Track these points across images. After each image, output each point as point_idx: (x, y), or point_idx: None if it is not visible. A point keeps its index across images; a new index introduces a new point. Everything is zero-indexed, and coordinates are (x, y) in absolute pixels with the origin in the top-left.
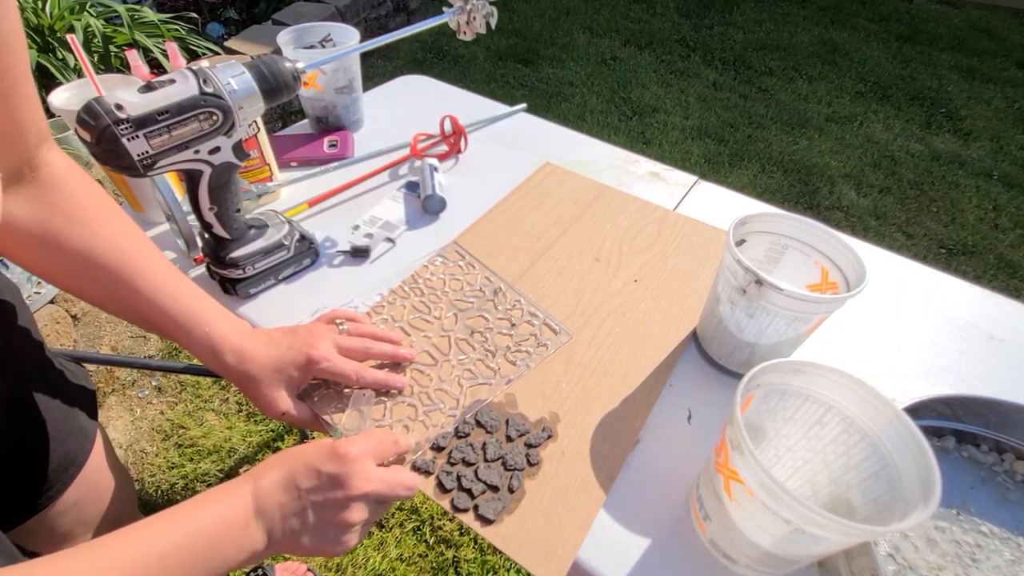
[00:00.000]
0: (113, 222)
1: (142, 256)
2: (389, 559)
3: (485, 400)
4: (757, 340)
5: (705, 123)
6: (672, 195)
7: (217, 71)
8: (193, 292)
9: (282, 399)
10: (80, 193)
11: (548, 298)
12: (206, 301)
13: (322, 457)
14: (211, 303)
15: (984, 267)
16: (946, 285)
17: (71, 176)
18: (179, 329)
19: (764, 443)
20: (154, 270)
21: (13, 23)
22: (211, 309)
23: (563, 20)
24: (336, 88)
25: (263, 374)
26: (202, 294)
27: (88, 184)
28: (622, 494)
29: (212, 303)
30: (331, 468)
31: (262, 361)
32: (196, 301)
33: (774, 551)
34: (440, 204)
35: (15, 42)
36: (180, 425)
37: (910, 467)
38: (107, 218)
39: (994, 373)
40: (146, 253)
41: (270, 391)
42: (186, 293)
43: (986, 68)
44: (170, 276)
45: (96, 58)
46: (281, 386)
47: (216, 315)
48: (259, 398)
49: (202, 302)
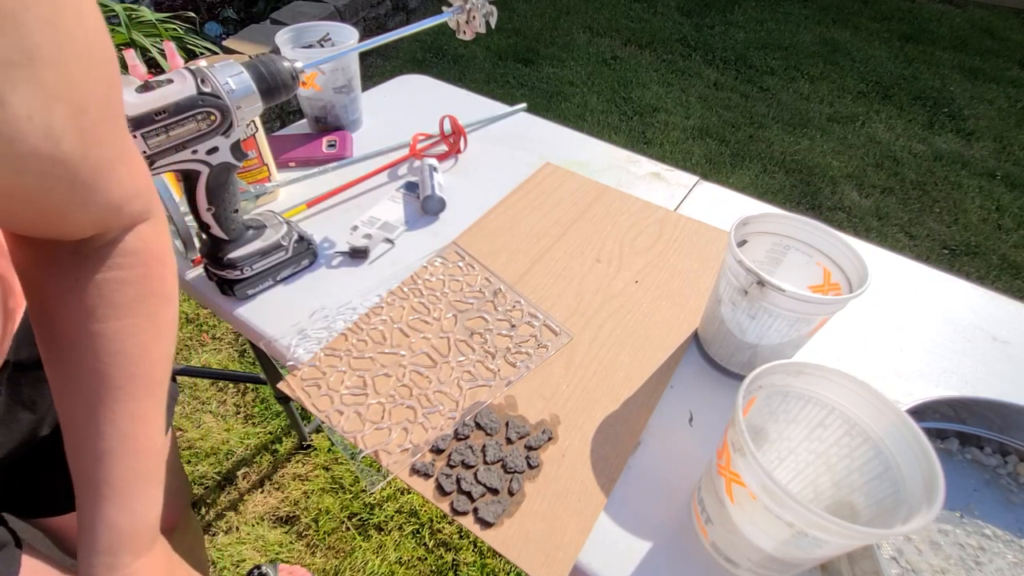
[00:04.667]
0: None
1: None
2: (388, 562)
3: (485, 402)
4: (759, 341)
5: (706, 123)
6: (673, 195)
7: (215, 71)
8: (163, 451)
9: None
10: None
11: (548, 299)
12: (162, 472)
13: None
14: (142, 489)
15: (987, 268)
16: (949, 286)
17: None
18: (100, 486)
19: (766, 445)
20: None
21: None
22: (159, 487)
23: (563, 19)
24: (335, 88)
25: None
26: (164, 463)
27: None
28: (623, 497)
29: (144, 490)
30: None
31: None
32: (156, 466)
33: (776, 554)
34: (439, 205)
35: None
36: (177, 427)
37: (913, 469)
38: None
39: (998, 375)
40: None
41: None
42: (153, 446)
43: (989, 68)
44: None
45: None
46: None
47: (159, 499)
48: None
49: (160, 472)
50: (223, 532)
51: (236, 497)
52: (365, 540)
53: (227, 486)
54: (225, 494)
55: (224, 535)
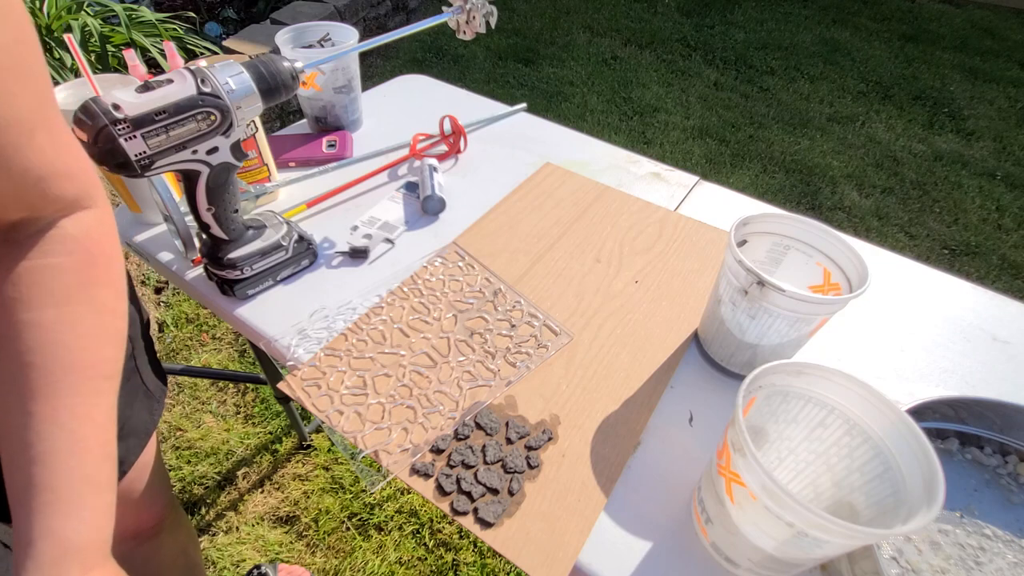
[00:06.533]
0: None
1: (84, 373)
2: (388, 562)
3: (485, 402)
4: (759, 342)
5: (706, 123)
6: (673, 195)
7: (215, 71)
8: (111, 453)
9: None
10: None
11: (548, 299)
12: (114, 474)
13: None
14: (113, 482)
15: (987, 268)
16: (949, 286)
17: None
18: (43, 492)
19: (766, 445)
20: (85, 398)
21: None
22: (111, 491)
23: (563, 19)
24: (335, 88)
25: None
26: (114, 465)
27: (92, 261)
28: (623, 497)
29: (113, 484)
30: None
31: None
32: (107, 468)
33: (776, 554)
34: (439, 205)
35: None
36: (177, 427)
37: (913, 469)
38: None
39: (998, 375)
40: (96, 370)
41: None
42: (100, 448)
43: (989, 68)
44: (99, 415)
45: (93, 58)
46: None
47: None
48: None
49: (111, 474)
50: (223, 532)
51: (236, 497)
52: (365, 540)
53: (227, 486)
54: (225, 494)
55: (224, 535)
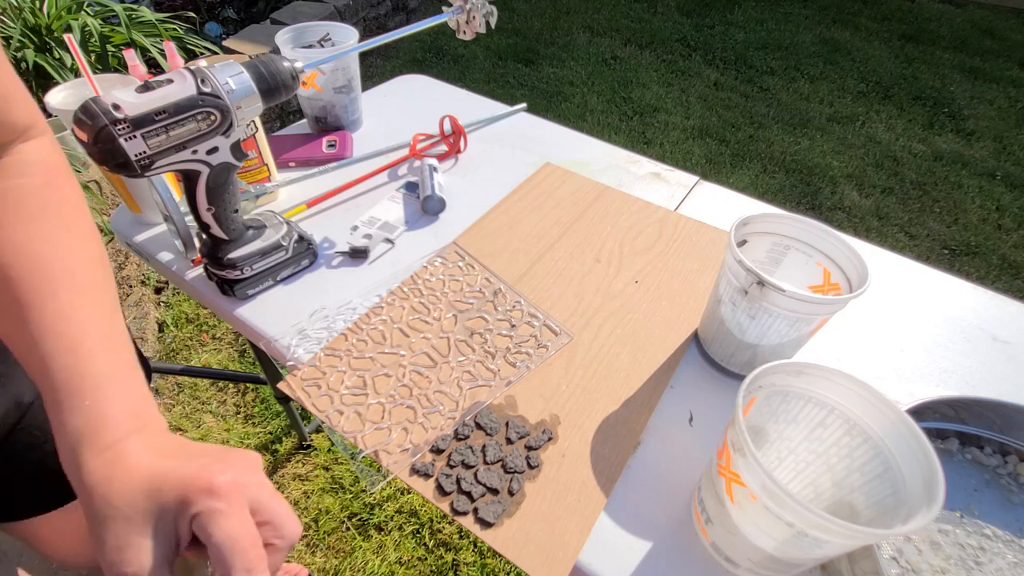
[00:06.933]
0: (52, 228)
1: (65, 278)
2: (388, 562)
3: (485, 402)
4: (759, 342)
5: (706, 123)
6: (673, 195)
7: (215, 71)
8: (109, 347)
9: (135, 553)
10: (28, 186)
11: (548, 299)
12: (121, 363)
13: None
14: (126, 369)
15: (987, 268)
16: (949, 286)
17: (33, 168)
18: (52, 393)
19: (766, 445)
20: (69, 299)
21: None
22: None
23: (563, 19)
24: (335, 88)
25: (124, 497)
26: (121, 354)
27: (52, 182)
28: (623, 497)
29: (127, 370)
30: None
31: (143, 471)
32: (102, 359)
33: (777, 555)
34: (439, 205)
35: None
36: (177, 427)
37: (913, 469)
38: (46, 222)
39: (998, 375)
40: (76, 276)
41: (124, 529)
42: (95, 343)
43: (989, 68)
44: (88, 314)
45: (93, 58)
46: (147, 527)
47: (120, 389)
48: (106, 536)
49: (113, 364)
50: None
51: None
52: (365, 540)
53: None
54: None
55: None
